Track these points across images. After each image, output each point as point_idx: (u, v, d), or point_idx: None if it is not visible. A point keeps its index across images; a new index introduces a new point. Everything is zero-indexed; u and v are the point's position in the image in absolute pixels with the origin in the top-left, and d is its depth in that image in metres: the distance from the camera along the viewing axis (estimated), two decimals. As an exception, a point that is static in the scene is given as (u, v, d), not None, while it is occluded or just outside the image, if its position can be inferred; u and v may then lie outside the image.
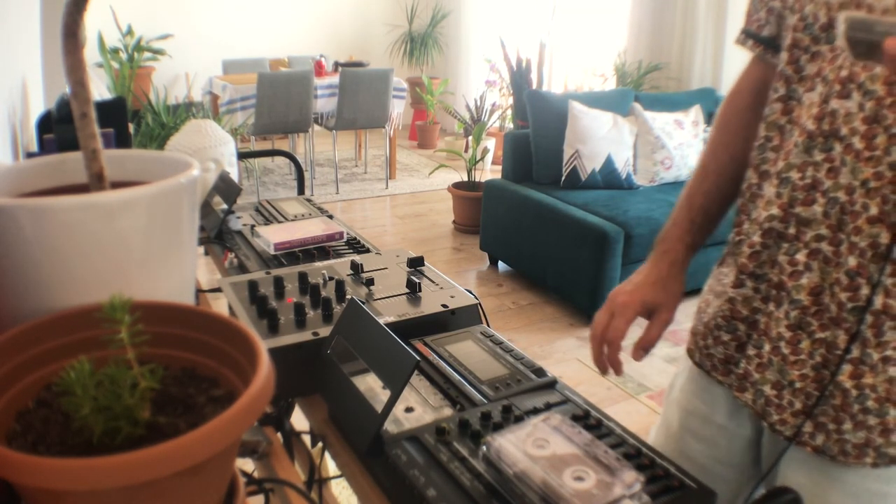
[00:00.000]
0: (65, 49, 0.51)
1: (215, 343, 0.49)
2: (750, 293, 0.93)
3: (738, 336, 0.96)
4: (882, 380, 0.84)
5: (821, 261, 0.84)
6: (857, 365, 0.84)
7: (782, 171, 0.88)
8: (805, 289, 0.86)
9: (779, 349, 0.89)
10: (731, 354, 0.97)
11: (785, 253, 0.88)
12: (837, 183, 0.82)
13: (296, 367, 0.78)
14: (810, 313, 0.86)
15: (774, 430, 0.91)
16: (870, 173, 0.79)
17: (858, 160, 0.80)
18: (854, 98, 0.80)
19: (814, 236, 0.85)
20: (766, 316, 0.91)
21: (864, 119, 0.80)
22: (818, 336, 0.86)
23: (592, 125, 3.55)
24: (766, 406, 0.92)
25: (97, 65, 5.56)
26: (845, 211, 0.82)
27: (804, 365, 0.87)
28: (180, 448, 0.37)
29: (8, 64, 1.47)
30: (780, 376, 0.90)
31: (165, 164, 0.61)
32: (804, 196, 0.85)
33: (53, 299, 0.51)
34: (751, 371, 0.94)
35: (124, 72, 5.17)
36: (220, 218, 1.26)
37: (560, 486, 0.56)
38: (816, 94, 0.85)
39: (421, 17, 7.38)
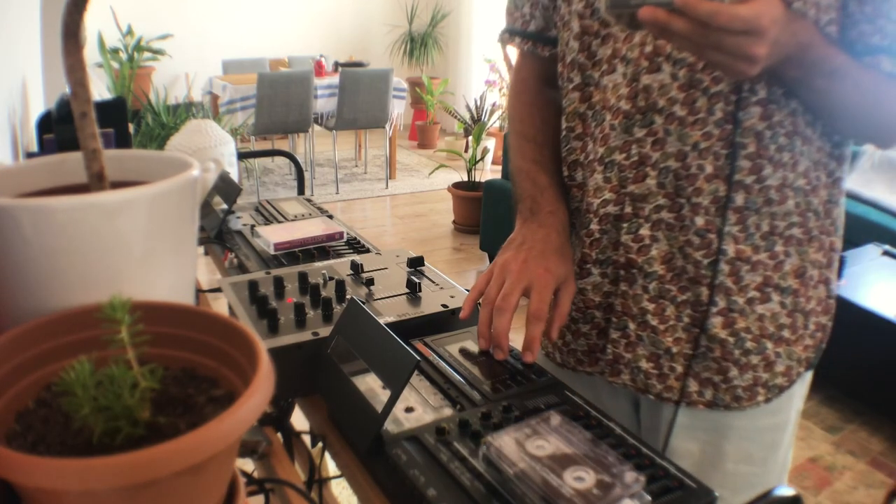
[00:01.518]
0: (65, 49, 0.51)
1: (215, 343, 0.49)
2: (598, 279, 0.94)
3: (597, 323, 0.96)
4: (753, 319, 0.87)
5: (664, 229, 0.87)
6: (727, 314, 0.87)
7: (604, 156, 0.89)
8: (657, 259, 0.88)
9: (646, 323, 0.90)
10: (594, 343, 0.97)
11: (627, 232, 0.89)
12: (665, 153, 0.84)
13: (296, 367, 0.78)
14: (667, 280, 0.88)
15: (662, 399, 0.92)
16: (698, 135, 0.82)
17: (684, 126, 0.82)
18: (665, 70, 0.82)
19: (653, 208, 0.86)
20: (621, 297, 0.92)
21: (680, 87, 0.82)
22: (680, 299, 0.88)
23: (592, 125, 3.54)
24: (647, 380, 0.92)
25: (97, 65, 5.56)
26: (680, 177, 0.84)
27: (675, 329, 0.89)
28: (180, 448, 0.37)
29: (8, 64, 1.47)
30: (653, 348, 0.91)
31: (165, 164, 0.61)
32: (634, 174, 0.87)
33: (53, 299, 0.51)
34: (620, 353, 0.94)
35: (124, 72, 5.17)
36: (220, 218, 1.26)
37: (560, 486, 0.56)
38: (619, 74, 0.86)
39: (421, 17, 7.38)
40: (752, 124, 0.81)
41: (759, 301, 0.87)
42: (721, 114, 0.81)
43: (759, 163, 0.82)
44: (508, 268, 0.85)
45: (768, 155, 0.82)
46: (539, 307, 0.82)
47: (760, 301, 0.87)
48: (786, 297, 0.88)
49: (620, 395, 1.00)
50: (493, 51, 6.03)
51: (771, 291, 0.87)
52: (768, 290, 0.87)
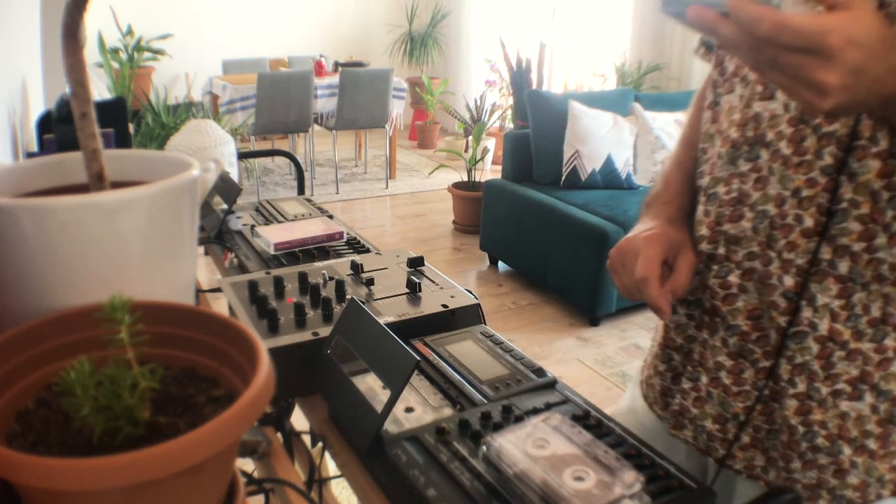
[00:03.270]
0: (65, 49, 0.51)
1: (215, 343, 0.49)
2: (684, 320, 0.86)
3: (674, 366, 0.88)
4: (833, 415, 0.75)
5: (756, 281, 0.76)
6: (803, 400, 0.76)
7: (708, 186, 0.81)
8: (742, 312, 0.78)
9: (719, 380, 0.82)
10: (667, 387, 0.90)
11: (715, 276, 0.80)
12: (766, 194, 0.74)
13: (296, 367, 0.78)
14: (751, 339, 0.78)
15: (723, 465, 0.83)
16: (801, 180, 0.71)
17: (787, 167, 0.72)
18: (779, 98, 0.72)
19: (745, 255, 0.77)
20: (701, 345, 0.84)
21: (790, 121, 0.71)
22: (762, 364, 0.78)
23: (592, 125, 3.55)
24: (710, 441, 0.84)
25: (97, 65, 5.55)
26: (775, 225, 0.73)
27: (748, 396, 0.80)
28: (180, 448, 0.37)
29: (8, 64, 1.47)
30: (721, 409, 0.82)
31: (165, 164, 0.61)
32: (731, 211, 0.78)
33: (53, 299, 0.51)
34: (688, 406, 0.86)
35: (124, 72, 5.17)
36: (220, 218, 1.26)
37: (560, 486, 0.56)
38: (736, 96, 0.78)
39: (421, 17, 7.38)
40: (868, 180, 0.67)
41: (846, 397, 0.74)
42: (831, 160, 0.69)
43: (872, 228, 0.68)
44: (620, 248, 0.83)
45: (884, 221, 0.68)
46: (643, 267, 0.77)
47: (849, 397, 0.74)
48: (881, 402, 0.74)
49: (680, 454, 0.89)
50: (493, 51, 6.02)
51: (866, 390, 0.73)
52: (863, 388, 0.73)
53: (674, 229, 0.83)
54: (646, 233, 0.82)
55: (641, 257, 0.79)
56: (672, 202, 0.89)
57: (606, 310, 3.22)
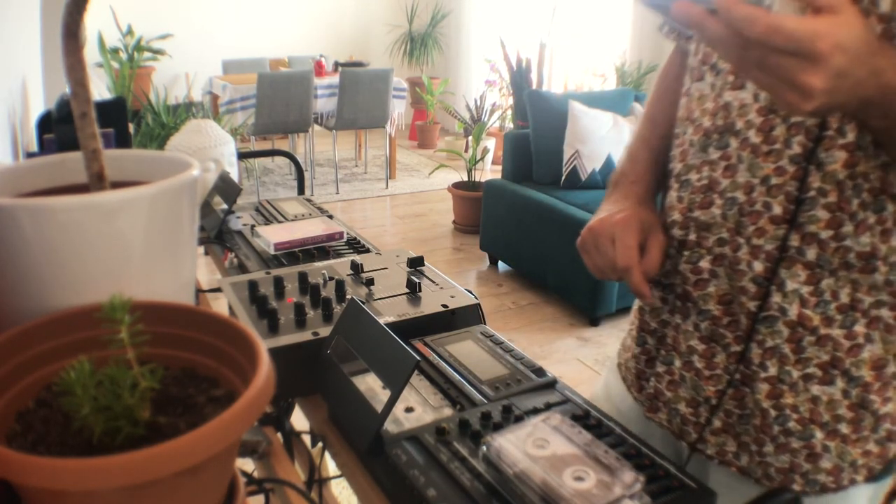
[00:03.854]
0: (65, 49, 0.51)
1: (215, 343, 0.49)
2: (658, 303, 0.87)
3: (648, 350, 0.89)
4: (805, 398, 0.75)
5: (726, 267, 0.77)
6: (775, 384, 0.76)
7: (681, 172, 0.82)
8: (713, 297, 0.79)
9: (691, 364, 0.83)
10: (641, 369, 0.91)
11: (687, 261, 0.81)
12: (735, 182, 0.75)
13: (296, 367, 0.78)
14: (723, 324, 0.79)
15: (695, 450, 0.84)
16: (770, 169, 0.72)
17: (756, 155, 0.73)
18: (748, 88, 0.73)
19: (716, 241, 0.78)
20: (674, 329, 0.85)
21: (760, 110, 0.72)
22: (734, 349, 0.78)
23: (592, 125, 3.55)
24: (683, 425, 0.85)
25: (97, 65, 5.55)
26: (743, 212, 0.74)
27: (719, 380, 0.80)
28: (180, 448, 0.37)
29: (8, 64, 1.47)
30: (694, 393, 0.83)
31: (165, 164, 0.61)
32: (702, 198, 0.79)
33: (53, 299, 0.51)
34: (662, 389, 0.87)
35: (124, 72, 5.17)
36: (220, 218, 1.26)
37: (560, 486, 0.56)
38: (707, 84, 0.79)
39: (421, 17, 7.38)
40: (835, 170, 0.69)
41: (817, 381, 0.74)
42: (800, 149, 0.70)
43: (839, 217, 0.70)
44: (592, 229, 0.84)
45: (850, 210, 0.69)
46: (624, 256, 0.79)
47: (820, 381, 0.74)
48: (853, 387, 0.74)
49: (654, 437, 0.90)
50: (493, 51, 6.02)
51: (837, 375, 0.74)
52: (834, 373, 0.74)
53: (644, 210, 0.84)
54: (618, 215, 0.83)
55: (619, 244, 0.80)
56: (639, 181, 0.90)
57: (606, 310, 3.22)
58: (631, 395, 0.94)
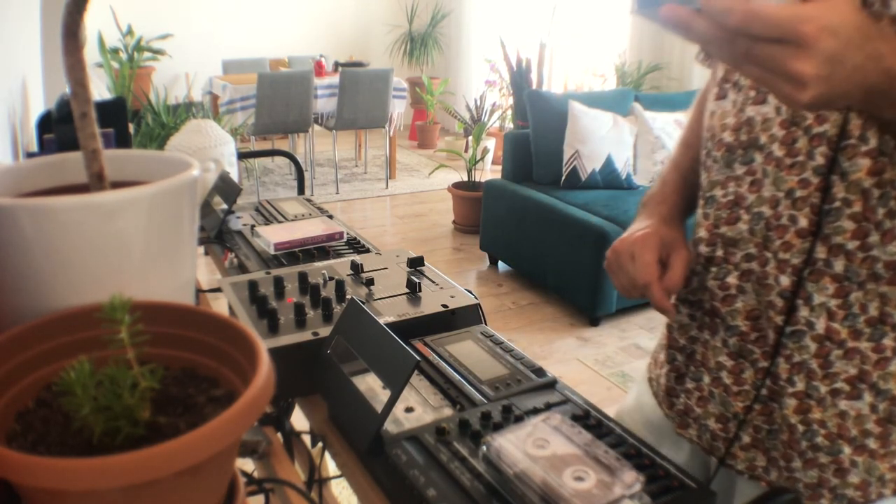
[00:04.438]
0: (65, 49, 0.51)
1: (215, 343, 0.49)
2: (686, 320, 0.87)
3: (677, 366, 0.90)
4: (832, 413, 0.75)
5: (754, 282, 0.77)
6: (803, 399, 0.76)
7: (706, 189, 0.83)
8: (741, 313, 0.79)
9: (720, 380, 0.83)
10: (671, 386, 0.91)
11: (714, 277, 0.81)
12: (761, 196, 0.75)
13: (296, 367, 0.78)
14: (750, 340, 0.79)
15: (725, 465, 0.84)
16: (795, 181, 0.72)
17: (780, 169, 0.73)
18: (770, 102, 0.74)
19: (743, 256, 0.78)
20: (703, 345, 0.85)
21: (782, 123, 0.72)
22: (762, 364, 0.78)
23: (592, 125, 3.55)
24: (713, 441, 0.85)
25: (97, 65, 5.55)
26: (770, 226, 0.74)
27: (747, 396, 0.81)
28: (180, 448, 0.37)
29: (8, 64, 1.47)
30: (723, 408, 0.83)
31: (165, 164, 0.61)
32: (728, 214, 0.79)
33: (53, 299, 0.51)
34: (692, 406, 0.88)
35: (124, 72, 5.17)
36: (220, 218, 1.26)
37: (560, 486, 0.56)
38: (729, 101, 0.79)
39: (421, 17, 7.38)
40: (859, 179, 0.68)
41: (845, 395, 0.74)
42: (822, 160, 0.69)
43: (865, 227, 0.69)
44: (615, 250, 0.85)
45: (876, 219, 0.68)
46: (643, 272, 0.79)
47: (847, 396, 0.74)
48: (880, 401, 0.74)
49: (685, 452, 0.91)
50: (493, 51, 6.02)
51: (864, 389, 0.73)
52: (861, 387, 0.73)
53: (666, 227, 0.85)
54: (638, 233, 0.84)
55: (638, 262, 0.81)
56: (666, 201, 0.91)
57: (606, 310, 3.22)
58: (662, 410, 0.94)
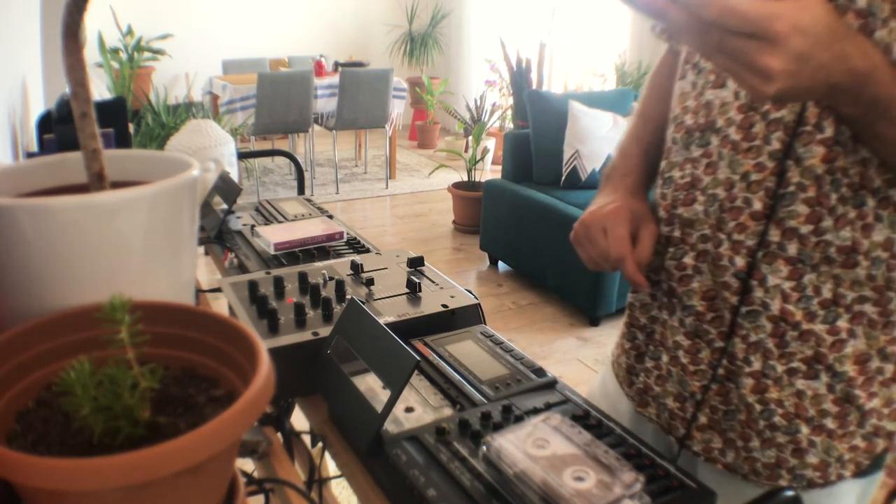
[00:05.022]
0: (65, 49, 0.51)
1: (215, 343, 0.49)
2: (647, 300, 0.88)
3: (637, 345, 0.90)
4: (790, 393, 0.76)
5: (709, 263, 0.78)
6: (759, 378, 0.76)
7: (665, 170, 0.84)
8: (697, 293, 0.80)
9: (677, 359, 0.84)
10: (631, 364, 0.92)
11: (671, 257, 0.82)
12: (716, 178, 0.76)
13: (296, 367, 0.78)
14: (706, 320, 0.80)
15: (683, 446, 0.84)
16: (750, 165, 0.73)
17: (737, 152, 0.74)
18: (729, 87, 0.75)
19: (699, 237, 0.79)
20: (661, 325, 0.86)
21: (740, 108, 0.73)
22: (718, 344, 0.79)
23: (592, 125, 3.55)
24: (671, 420, 0.86)
25: (97, 65, 5.55)
26: (724, 208, 0.75)
27: (704, 376, 0.81)
28: (180, 448, 0.37)
29: (8, 64, 1.47)
30: (680, 388, 0.84)
31: (165, 164, 0.61)
32: (685, 195, 0.80)
33: (53, 299, 0.51)
34: (650, 384, 0.88)
35: (124, 72, 5.17)
36: (220, 218, 1.26)
37: (560, 486, 0.56)
38: (688, 82, 0.80)
39: (421, 17, 7.38)
40: (813, 165, 0.69)
41: (802, 375, 0.75)
42: (779, 144, 0.71)
43: (818, 211, 0.70)
44: (584, 222, 0.84)
45: (829, 205, 0.70)
46: (616, 246, 0.80)
47: (804, 376, 0.74)
48: (837, 382, 0.74)
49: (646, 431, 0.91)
50: (493, 51, 6.02)
51: (821, 370, 0.74)
52: (818, 368, 0.74)
53: (635, 201, 0.85)
54: (609, 206, 0.83)
55: (611, 236, 0.81)
56: (630, 174, 0.90)
57: (606, 310, 3.22)
58: (623, 390, 0.95)
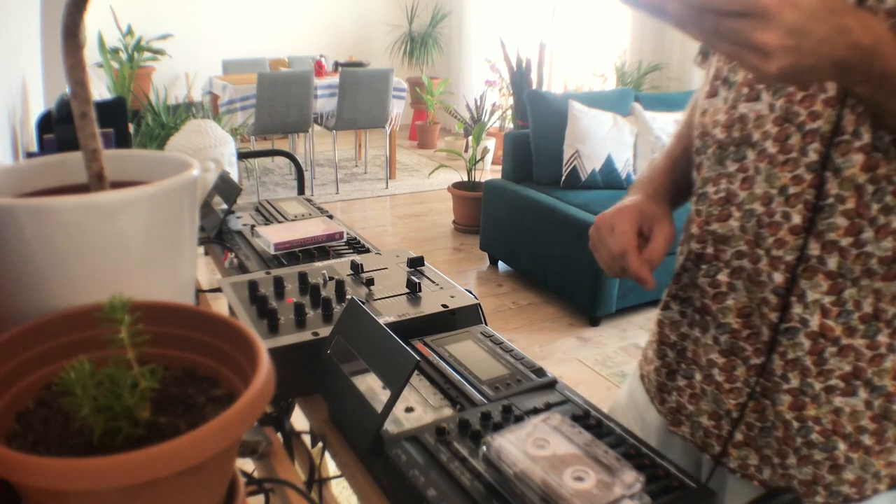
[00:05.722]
0: (65, 49, 0.51)
1: (215, 343, 0.49)
2: (677, 317, 0.87)
3: (668, 363, 0.89)
4: (827, 410, 0.75)
5: (745, 279, 0.77)
6: (797, 395, 0.76)
7: (698, 186, 0.83)
8: (732, 311, 0.79)
9: (712, 377, 0.83)
10: (662, 382, 0.91)
11: (705, 275, 0.81)
12: (753, 193, 0.75)
13: (296, 367, 0.78)
14: (742, 337, 0.79)
15: (719, 463, 0.84)
16: (788, 178, 0.72)
17: (774, 165, 0.73)
18: (764, 99, 0.74)
19: (734, 253, 0.78)
20: (694, 342, 0.85)
21: (776, 120, 0.73)
22: (753, 362, 0.78)
23: (592, 125, 3.55)
24: (706, 438, 0.85)
25: (97, 65, 5.55)
26: (762, 223, 0.74)
27: (740, 394, 0.80)
28: (180, 448, 0.37)
29: (8, 64, 1.47)
30: (715, 406, 0.83)
31: (165, 164, 0.61)
32: (719, 211, 0.79)
33: (53, 299, 0.51)
34: (683, 403, 0.87)
35: (124, 72, 5.17)
36: (220, 218, 1.26)
37: (560, 486, 0.56)
38: (720, 99, 0.79)
39: (421, 17, 7.38)
40: (853, 174, 0.68)
41: (840, 392, 0.74)
42: (816, 156, 0.69)
43: (858, 223, 0.69)
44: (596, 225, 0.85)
45: (870, 215, 0.68)
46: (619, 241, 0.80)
47: (843, 393, 0.74)
48: (875, 398, 0.74)
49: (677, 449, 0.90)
50: (493, 51, 6.02)
51: (859, 386, 0.73)
52: (856, 384, 0.73)
53: (649, 202, 0.85)
54: (618, 206, 0.84)
55: (616, 231, 0.81)
56: (653, 181, 0.91)
57: (606, 310, 3.22)
58: (654, 406, 0.93)
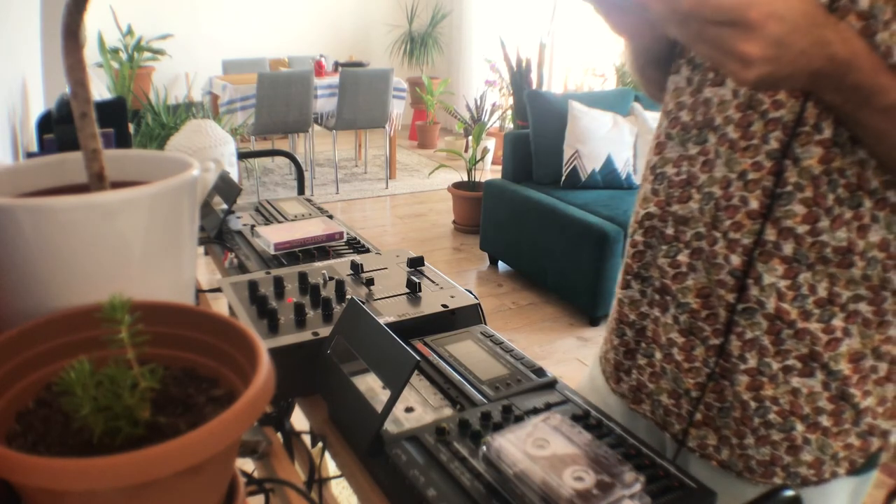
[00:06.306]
0: (65, 49, 0.51)
1: (215, 343, 0.49)
2: (637, 296, 0.87)
3: (626, 341, 0.89)
4: (785, 391, 0.76)
5: (704, 261, 0.78)
6: (755, 375, 0.76)
7: (657, 165, 0.83)
8: (692, 291, 0.80)
9: (671, 356, 0.83)
10: (619, 361, 0.91)
11: (665, 255, 0.82)
12: (712, 177, 0.76)
13: (296, 367, 0.78)
14: (701, 318, 0.79)
15: (678, 441, 0.84)
16: (748, 164, 0.73)
17: (734, 150, 0.74)
18: (728, 85, 0.74)
19: (693, 235, 0.79)
20: (654, 322, 0.85)
21: (739, 106, 0.73)
22: (712, 342, 0.79)
23: (592, 125, 3.55)
24: (666, 416, 0.86)
25: (97, 65, 5.56)
26: (720, 206, 0.75)
27: (699, 373, 0.81)
28: (180, 448, 0.37)
29: (8, 64, 1.47)
30: (675, 385, 0.84)
31: (165, 164, 0.61)
32: (680, 192, 0.80)
33: (53, 299, 0.51)
34: (644, 381, 0.88)
35: (124, 72, 5.17)
36: (220, 218, 1.26)
37: (560, 486, 0.56)
38: (682, 77, 0.80)
39: (421, 17, 7.38)
40: (810, 165, 0.69)
41: (797, 373, 0.75)
42: (777, 144, 0.71)
43: (815, 212, 0.70)
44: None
45: (826, 206, 0.70)
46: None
47: (800, 373, 0.74)
48: (832, 380, 0.74)
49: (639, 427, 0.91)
50: (493, 51, 6.02)
51: (816, 368, 0.74)
52: (813, 366, 0.74)
53: None
54: None
55: None
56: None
57: (606, 310, 3.21)
58: (609, 386, 0.94)
